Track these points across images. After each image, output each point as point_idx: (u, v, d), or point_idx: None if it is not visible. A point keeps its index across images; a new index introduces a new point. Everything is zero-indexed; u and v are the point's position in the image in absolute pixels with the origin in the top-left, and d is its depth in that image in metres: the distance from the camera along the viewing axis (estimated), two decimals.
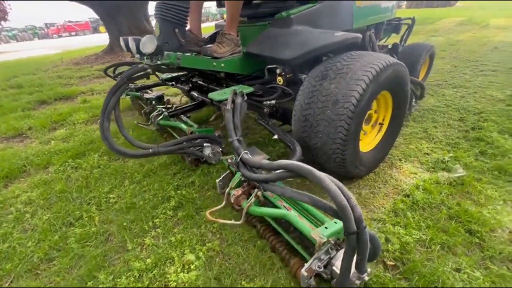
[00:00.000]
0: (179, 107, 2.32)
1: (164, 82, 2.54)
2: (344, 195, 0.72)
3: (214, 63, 1.60)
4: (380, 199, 1.67)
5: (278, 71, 1.56)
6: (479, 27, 7.41)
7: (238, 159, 1.03)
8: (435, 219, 1.46)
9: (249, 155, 1.03)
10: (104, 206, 1.79)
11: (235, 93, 1.37)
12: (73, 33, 36.71)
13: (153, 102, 2.55)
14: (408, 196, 1.65)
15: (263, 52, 1.55)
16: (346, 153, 1.47)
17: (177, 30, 1.55)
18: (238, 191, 1.04)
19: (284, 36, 1.58)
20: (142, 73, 1.49)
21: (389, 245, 1.32)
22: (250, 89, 1.54)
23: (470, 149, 2.07)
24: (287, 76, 1.55)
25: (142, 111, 2.50)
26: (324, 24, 1.83)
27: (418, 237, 1.34)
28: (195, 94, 2.18)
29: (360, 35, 1.53)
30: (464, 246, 1.32)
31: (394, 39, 3.50)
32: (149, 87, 2.78)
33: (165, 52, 1.49)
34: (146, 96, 2.66)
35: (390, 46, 3.28)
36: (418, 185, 1.73)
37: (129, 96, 2.94)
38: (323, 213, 1.06)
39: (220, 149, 1.73)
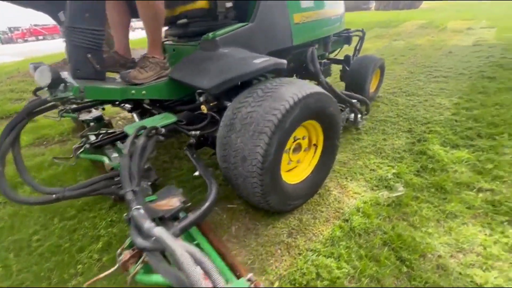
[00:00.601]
0: (107, 135, 2.04)
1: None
2: (197, 261, 0.65)
3: (133, 91, 1.47)
4: (320, 225, 1.64)
5: (201, 98, 1.48)
6: (438, 31, 7.78)
7: (129, 216, 0.92)
8: (369, 247, 1.45)
9: (142, 211, 0.92)
10: (25, 252, 1.62)
11: (138, 132, 1.27)
12: (40, 37, 34.59)
13: (91, 124, 2.34)
14: (347, 221, 1.63)
15: (184, 78, 1.46)
16: (270, 198, 1.45)
17: (90, 56, 1.41)
18: (127, 254, 0.89)
19: (207, 61, 1.50)
20: (45, 106, 1.34)
21: (319, 282, 1.28)
22: (171, 120, 1.44)
23: (412, 164, 2.10)
24: (211, 104, 1.47)
25: (80, 135, 2.29)
26: (259, 44, 1.77)
27: (347, 270, 1.31)
28: (134, 115, 2.04)
29: (284, 62, 1.48)
30: (393, 276, 1.30)
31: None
32: (90, 106, 2.41)
33: (69, 83, 1.33)
34: (82, 117, 2.37)
35: (342, 58, 3.32)
36: (359, 208, 1.71)
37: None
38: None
39: (150, 182, 1.61)
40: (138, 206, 0.93)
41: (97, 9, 1.44)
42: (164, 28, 2.03)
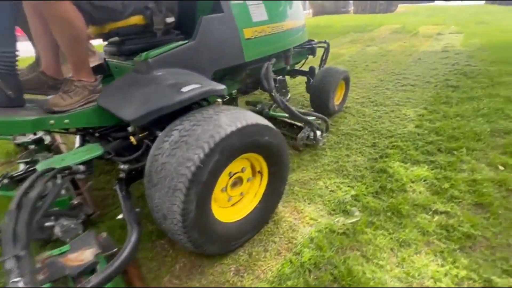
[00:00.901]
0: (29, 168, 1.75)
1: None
2: None
3: (51, 121, 1.27)
4: (271, 259, 1.53)
5: (130, 129, 1.33)
6: (410, 36, 7.97)
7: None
8: (318, 284, 1.35)
9: (21, 284, 0.76)
10: None
11: (36, 178, 1.09)
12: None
13: (30, 147, 2.08)
14: (298, 254, 1.53)
15: (109, 106, 1.30)
16: (206, 248, 1.34)
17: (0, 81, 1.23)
18: None
19: (136, 86, 1.35)
20: None
21: None
22: (94, 154, 1.28)
23: (372, 184, 2.04)
24: (140, 135, 1.33)
25: (17, 161, 2.05)
26: (204, 63, 1.64)
27: None
28: (77, 139, 1.84)
29: (220, 88, 1.35)
30: None
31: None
32: None
33: None
34: (18, 140, 2.08)
35: (307, 70, 3.26)
36: (312, 238, 1.62)
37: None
38: None
39: (80, 220, 1.44)
40: (17, 279, 0.77)
41: (5, 27, 1.25)
42: (104, 43, 1.84)
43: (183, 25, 1.70)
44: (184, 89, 1.22)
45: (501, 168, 2.09)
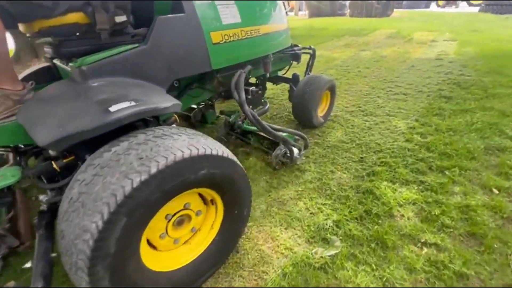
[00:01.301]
0: None
1: None
2: None
3: None
4: None
5: (50, 152, 1.11)
6: (404, 41, 7.87)
7: None
8: None
9: None
10: None
11: None
12: None
13: None
14: None
15: (25, 122, 1.06)
16: None
17: None
18: None
19: (61, 100, 1.12)
20: None
21: None
22: (7, 182, 1.04)
23: (356, 207, 1.85)
24: (64, 161, 1.10)
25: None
26: (158, 71, 1.40)
27: None
28: (10, 157, 1.56)
29: (166, 105, 1.13)
30: None
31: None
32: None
33: None
34: None
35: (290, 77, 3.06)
36: (285, 274, 1.42)
37: None
38: None
39: (1, 254, 1.20)
40: None
41: None
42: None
43: (143, 26, 1.47)
44: (113, 108, 0.99)
45: (496, 191, 1.93)
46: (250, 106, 2.07)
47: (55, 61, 1.59)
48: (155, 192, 0.92)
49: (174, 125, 1.31)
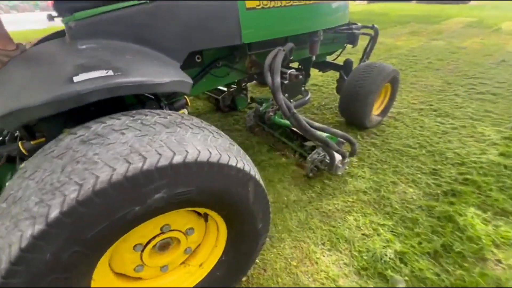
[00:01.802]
0: None
1: None
2: None
3: None
4: None
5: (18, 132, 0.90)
6: (489, 32, 6.48)
7: None
8: None
9: None
10: None
11: None
12: None
13: None
14: None
15: None
16: None
17: None
18: None
19: (36, 65, 0.88)
20: None
21: None
22: None
23: (429, 237, 1.38)
24: (32, 143, 0.86)
25: None
26: (170, 38, 1.09)
27: None
28: None
29: (162, 81, 0.82)
30: None
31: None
32: None
33: None
34: None
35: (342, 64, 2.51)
36: None
37: None
38: None
39: None
40: None
41: None
42: None
43: None
44: (78, 78, 0.71)
45: None
46: (286, 95, 1.65)
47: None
48: (67, 234, 0.58)
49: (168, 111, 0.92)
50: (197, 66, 1.46)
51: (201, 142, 0.75)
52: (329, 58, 2.60)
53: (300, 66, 2.32)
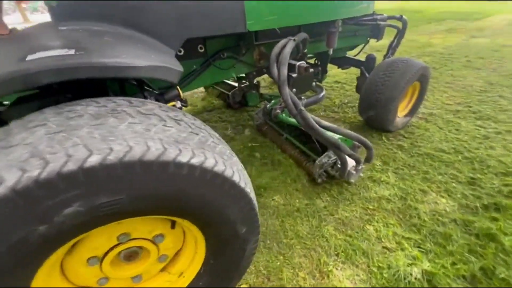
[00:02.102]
0: None
1: None
2: None
3: None
4: None
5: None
6: None
7: None
8: None
9: None
10: None
11: None
12: None
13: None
14: None
15: None
16: None
17: None
18: None
19: (14, 44, 0.81)
20: None
21: None
22: None
23: (465, 258, 1.17)
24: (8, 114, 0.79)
25: None
26: (165, 23, 1.00)
27: None
28: None
29: (137, 64, 0.73)
30: None
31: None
32: None
33: None
34: None
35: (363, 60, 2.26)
36: None
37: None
38: None
39: None
40: None
41: None
42: None
43: None
44: (31, 57, 0.63)
45: None
46: (294, 90, 1.50)
47: None
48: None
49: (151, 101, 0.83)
50: (200, 56, 1.36)
51: (139, 135, 0.60)
52: (349, 54, 2.39)
53: (316, 61, 2.15)
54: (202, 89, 3.05)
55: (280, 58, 1.31)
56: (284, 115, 1.76)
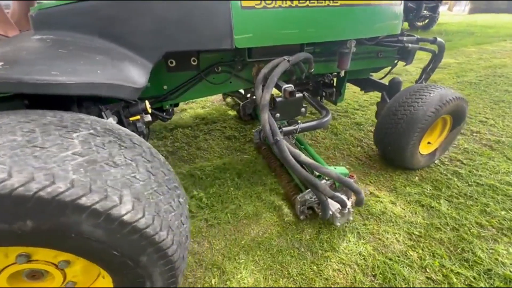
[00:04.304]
0: None
1: None
2: None
3: None
4: None
5: None
6: None
7: None
8: None
9: None
10: None
11: None
12: None
13: None
14: None
15: None
16: None
17: None
18: None
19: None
20: None
21: None
22: None
23: None
24: None
25: None
26: (144, 34, 0.99)
27: None
28: None
29: (60, 81, 0.71)
30: None
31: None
32: None
33: None
34: None
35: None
36: None
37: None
38: None
39: None
40: None
41: None
42: None
43: None
44: None
45: None
46: (277, 115, 1.34)
47: None
48: None
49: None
50: (193, 69, 1.36)
51: (26, 161, 0.53)
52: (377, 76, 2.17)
53: (331, 82, 1.99)
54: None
55: (267, 80, 1.23)
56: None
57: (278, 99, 1.31)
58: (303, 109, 1.40)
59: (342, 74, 1.71)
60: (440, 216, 1.46)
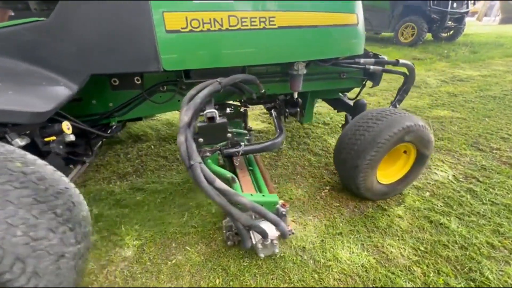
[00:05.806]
0: None
1: None
2: None
3: None
4: None
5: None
6: None
7: None
8: None
9: None
10: None
11: None
12: None
13: None
14: None
15: None
16: None
17: None
18: None
19: None
20: None
21: None
22: None
23: None
24: None
25: None
26: (67, 58, 1.02)
27: None
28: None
29: None
30: None
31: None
32: None
33: None
34: None
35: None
36: None
37: None
38: None
39: None
40: None
41: None
42: None
43: None
44: None
45: None
46: (200, 140, 1.26)
47: None
48: None
49: None
50: (137, 88, 1.38)
51: None
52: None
53: (297, 100, 1.89)
54: None
55: (191, 102, 1.15)
56: (209, 160, 1.36)
57: (199, 124, 1.24)
58: (229, 135, 1.33)
59: (295, 95, 1.69)
60: (448, 233, 1.44)
